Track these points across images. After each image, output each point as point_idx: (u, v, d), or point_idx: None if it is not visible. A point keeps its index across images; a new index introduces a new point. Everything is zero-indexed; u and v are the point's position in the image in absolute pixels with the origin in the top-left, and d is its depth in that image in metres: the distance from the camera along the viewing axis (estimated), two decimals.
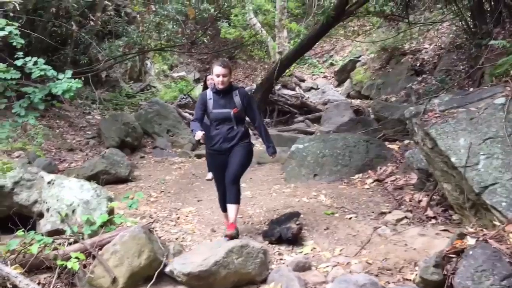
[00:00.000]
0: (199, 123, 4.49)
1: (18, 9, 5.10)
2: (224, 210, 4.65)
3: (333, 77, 17.77)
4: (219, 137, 4.48)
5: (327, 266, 4.05)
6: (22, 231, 3.93)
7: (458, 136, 3.75)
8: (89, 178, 6.43)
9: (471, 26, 9.30)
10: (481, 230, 3.34)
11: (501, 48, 5.22)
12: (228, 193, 4.48)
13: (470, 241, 3.22)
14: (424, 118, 4.05)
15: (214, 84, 4.49)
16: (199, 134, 4.32)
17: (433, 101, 4.14)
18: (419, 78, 13.32)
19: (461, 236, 3.32)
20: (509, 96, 3.79)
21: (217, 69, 4.43)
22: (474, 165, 3.60)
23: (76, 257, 3.72)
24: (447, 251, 3.24)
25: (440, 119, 3.93)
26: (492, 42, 5.36)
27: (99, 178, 6.65)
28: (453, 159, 3.69)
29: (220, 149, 4.50)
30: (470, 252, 3.07)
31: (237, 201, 4.51)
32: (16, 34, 4.73)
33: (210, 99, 4.52)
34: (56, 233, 4.36)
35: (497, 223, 3.38)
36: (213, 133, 4.51)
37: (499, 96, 3.84)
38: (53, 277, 3.70)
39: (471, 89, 4.69)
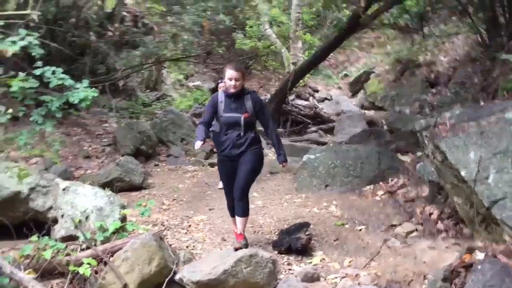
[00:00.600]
0: (205, 128, 4.41)
1: (37, 20, 5.21)
2: (233, 215, 4.59)
3: (347, 88, 17.80)
4: (229, 143, 4.36)
5: (336, 277, 4.07)
6: (37, 236, 4.02)
7: (468, 149, 3.75)
8: (103, 185, 6.53)
9: (486, 39, 9.26)
10: (490, 244, 3.34)
11: None
12: (236, 206, 4.43)
13: (479, 255, 3.22)
14: (435, 131, 4.06)
15: (226, 87, 4.40)
16: (197, 144, 4.28)
17: (444, 114, 4.16)
18: (434, 90, 13.31)
19: (470, 250, 3.33)
20: None
21: (230, 72, 4.32)
22: (484, 179, 3.59)
23: (88, 263, 3.80)
24: (455, 265, 3.25)
25: (451, 132, 3.94)
26: (504, 56, 5.35)
27: (113, 185, 6.74)
28: (463, 173, 3.69)
29: (229, 155, 4.39)
30: (479, 267, 3.07)
31: (245, 214, 4.47)
32: (36, 44, 4.87)
33: (222, 102, 4.39)
34: (69, 239, 4.46)
35: (507, 238, 3.37)
36: (223, 139, 4.39)
37: (510, 110, 3.84)
38: (65, 282, 3.78)
39: (482, 103, 4.69)
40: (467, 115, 4.02)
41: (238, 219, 4.45)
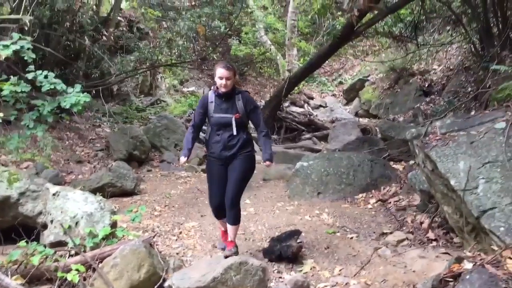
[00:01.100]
0: (194, 134, 4.37)
1: (29, 25, 5.21)
2: (219, 217, 4.50)
3: (341, 95, 17.87)
4: (220, 144, 4.23)
5: (326, 286, 4.07)
6: (25, 241, 3.99)
7: (458, 159, 3.77)
8: (95, 191, 6.51)
9: (479, 48, 9.33)
10: (479, 254, 3.33)
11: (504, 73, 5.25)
12: (228, 215, 4.33)
13: (467, 265, 3.21)
14: (425, 140, 4.08)
15: (217, 87, 4.27)
16: (182, 160, 4.31)
17: (434, 123, 4.18)
18: (427, 99, 13.36)
19: (459, 260, 3.31)
20: (509, 121, 3.81)
21: (220, 71, 4.15)
22: (473, 188, 3.61)
23: (77, 269, 3.77)
24: (444, 274, 3.24)
25: (441, 141, 3.96)
26: (494, 67, 5.39)
27: (105, 190, 6.72)
28: (452, 182, 3.70)
29: (220, 157, 4.26)
30: (467, 277, 3.06)
31: (237, 222, 4.40)
32: (28, 49, 4.87)
33: (212, 102, 4.26)
34: (59, 244, 4.42)
35: (495, 247, 3.38)
36: (214, 140, 4.27)
37: (500, 121, 3.86)
38: None
39: (473, 113, 4.73)
40: (457, 125, 4.04)
41: (230, 227, 4.38)
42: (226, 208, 4.31)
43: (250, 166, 4.36)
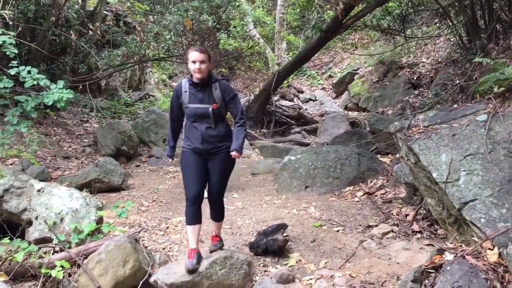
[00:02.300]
0: (177, 128, 4.10)
1: (8, 20, 5.15)
2: (194, 222, 3.94)
3: (331, 89, 17.88)
4: (198, 137, 3.88)
5: (311, 279, 4.09)
6: (9, 238, 3.97)
7: (440, 152, 3.80)
8: (82, 186, 6.49)
9: (466, 41, 9.38)
10: (460, 246, 3.38)
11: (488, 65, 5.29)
12: (213, 211, 4.16)
13: (448, 256, 3.26)
14: (408, 133, 4.10)
15: (190, 73, 3.89)
16: (169, 161, 4.31)
17: (418, 116, 4.20)
18: (416, 92, 13.43)
19: (440, 251, 3.36)
20: (491, 113, 3.85)
21: (194, 54, 3.77)
22: (455, 181, 3.64)
23: (61, 266, 3.77)
24: (425, 266, 3.28)
25: (424, 134, 3.98)
26: (476, 59, 5.43)
27: (92, 186, 6.69)
28: (434, 175, 3.73)
29: (196, 148, 3.90)
30: (448, 268, 3.11)
31: (221, 218, 4.25)
32: (10, 44, 4.82)
33: (186, 91, 3.90)
34: (43, 241, 4.41)
35: (475, 239, 3.42)
36: (190, 133, 3.93)
37: (481, 113, 3.89)
38: (38, 285, 3.74)
39: (455, 106, 4.76)
40: (440, 118, 4.07)
41: (215, 224, 4.26)
42: (211, 204, 4.13)
43: (232, 160, 4.03)
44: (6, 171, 4.92)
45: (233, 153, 3.87)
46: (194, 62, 3.76)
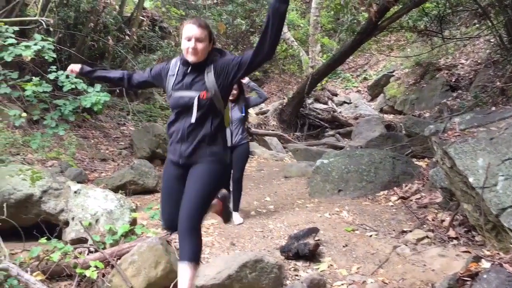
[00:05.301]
0: (128, 77, 3.24)
1: (45, 26, 5.32)
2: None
3: (366, 91, 17.65)
4: (176, 137, 2.92)
5: (343, 284, 4.03)
6: (46, 238, 4.09)
7: (477, 156, 3.68)
8: (117, 188, 6.63)
9: (506, 42, 9.08)
10: (498, 253, 3.25)
11: None
12: (181, 245, 2.79)
13: (485, 264, 3.15)
14: (444, 137, 3.99)
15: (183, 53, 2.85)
16: (72, 66, 3.35)
17: (454, 119, 4.08)
18: (454, 94, 13.08)
19: (477, 259, 3.25)
20: None
21: (188, 28, 2.80)
22: (492, 186, 3.52)
23: (95, 266, 3.85)
24: (461, 274, 3.18)
25: (460, 138, 3.87)
26: None
27: (127, 188, 6.83)
28: (471, 180, 3.62)
29: (174, 152, 2.94)
30: (484, 276, 3.00)
31: (193, 258, 2.76)
32: (49, 49, 4.98)
33: (173, 75, 2.93)
34: (80, 241, 4.53)
35: None
36: (171, 130, 2.96)
37: None
38: (73, 285, 3.83)
39: (493, 108, 4.60)
40: (477, 121, 3.94)
41: (183, 269, 2.72)
42: (178, 234, 2.80)
43: (218, 175, 2.90)
44: (45, 173, 5.07)
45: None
46: (188, 39, 2.80)
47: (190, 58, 2.82)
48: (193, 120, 2.81)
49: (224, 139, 2.96)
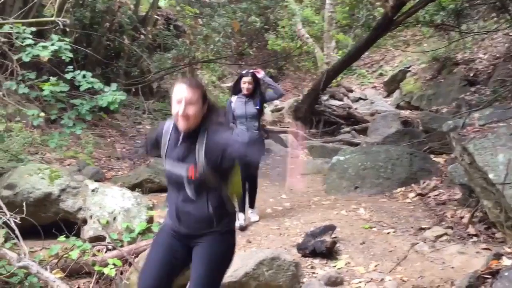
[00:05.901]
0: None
1: (62, 27, 5.37)
2: None
3: (382, 87, 17.49)
4: (171, 214, 2.60)
5: (360, 282, 3.99)
6: (64, 236, 4.14)
7: (497, 151, 3.62)
8: (134, 186, 6.67)
9: None
10: None
11: None
12: None
13: (506, 261, 3.10)
14: (463, 133, 3.94)
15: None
16: None
17: (473, 114, 4.02)
18: (472, 89, 12.86)
19: (498, 256, 3.20)
20: None
21: (179, 89, 2.42)
22: None
23: (113, 264, 3.89)
24: (481, 271, 3.14)
25: (479, 133, 3.81)
26: None
27: (143, 186, 6.86)
28: (491, 176, 3.56)
29: (173, 229, 2.61)
30: (505, 274, 2.95)
31: None
32: (66, 49, 5.03)
33: (165, 144, 2.58)
34: (98, 239, 4.57)
35: None
36: (168, 199, 2.66)
37: None
38: (92, 282, 3.87)
39: None
40: (497, 116, 3.88)
41: None
42: None
43: (224, 252, 2.62)
44: (63, 171, 5.14)
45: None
46: (179, 101, 2.40)
47: (181, 125, 2.43)
48: (191, 195, 2.46)
49: (227, 212, 2.59)
